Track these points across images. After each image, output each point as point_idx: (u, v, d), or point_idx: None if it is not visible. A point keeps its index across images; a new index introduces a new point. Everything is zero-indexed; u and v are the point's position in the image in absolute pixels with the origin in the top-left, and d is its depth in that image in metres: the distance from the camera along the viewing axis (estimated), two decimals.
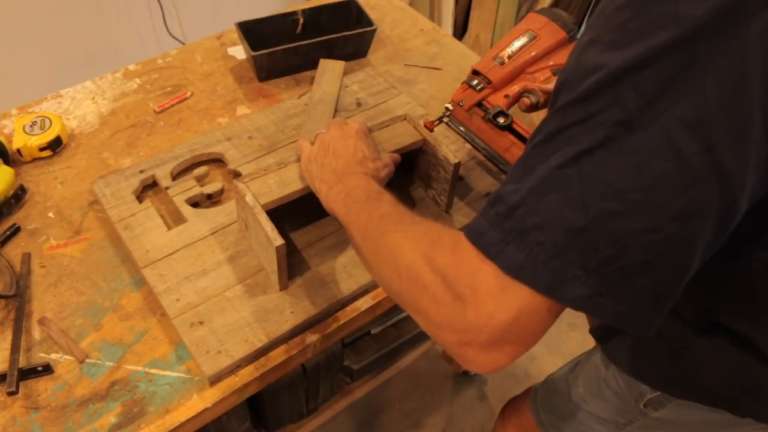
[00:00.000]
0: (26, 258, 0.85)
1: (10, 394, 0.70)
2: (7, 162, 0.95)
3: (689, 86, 0.40)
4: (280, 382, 0.85)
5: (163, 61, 1.17)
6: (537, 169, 0.45)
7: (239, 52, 1.20)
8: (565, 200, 0.43)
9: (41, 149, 0.97)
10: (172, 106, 1.09)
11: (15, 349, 0.75)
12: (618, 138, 0.42)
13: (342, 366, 1.33)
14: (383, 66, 1.19)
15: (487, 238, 0.46)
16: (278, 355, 0.78)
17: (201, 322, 0.78)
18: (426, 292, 0.50)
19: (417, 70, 1.19)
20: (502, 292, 0.45)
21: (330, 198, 0.73)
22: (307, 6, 1.19)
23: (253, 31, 1.12)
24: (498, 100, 0.92)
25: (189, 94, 1.11)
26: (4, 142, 0.95)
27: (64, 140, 1.00)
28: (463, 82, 0.95)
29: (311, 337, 0.80)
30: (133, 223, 0.87)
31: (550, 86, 0.88)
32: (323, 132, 0.82)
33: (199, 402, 0.74)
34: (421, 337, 1.43)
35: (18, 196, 0.92)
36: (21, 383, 0.73)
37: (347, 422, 1.59)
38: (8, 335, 0.77)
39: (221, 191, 0.94)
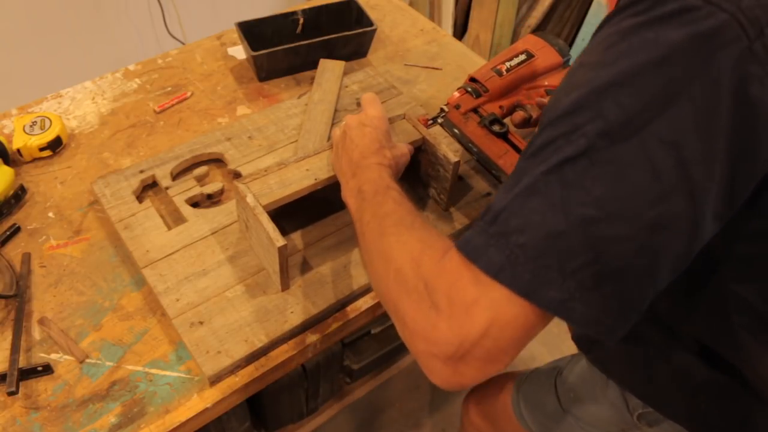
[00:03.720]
0: (26, 258, 0.85)
1: (10, 394, 0.70)
2: (7, 162, 0.95)
3: (667, 106, 0.43)
4: (280, 382, 0.85)
5: (163, 61, 1.17)
6: (524, 178, 0.47)
7: (239, 52, 1.20)
8: (547, 204, 0.45)
9: (41, 149, 0.97)
10: (172, 106, 1.09)
11: (15, 349, 0.75)
12: (599, 148, 0.44)
13: (342, 366, 1.33)
14: (383, 66, 1.19)
15: (472, 244, 0.47)
16: (278, 355, 0.78)
17: (201, 322, 0.78)
18: (408, 296, 0.51)
19: (417, 70, 1.19)
20: (477, 301, 0.46)
21: (346, 192, 0.73)
22: (307, 6, 1.19)
23: (253, 31, 1.12)
24: (493, 110, 0.94)
25: (189, 94, 1.11)
26: (4, 142, 0.95)
27: (64, 140, 1.00)
28: (459, 88, 0.96)
29: (311, 337, 0.80)
30: (133, 223, 0.87)
31: (545, 101, 0.89)
32: (345, 120, 0.82)
33: (199, 402, 0.74)
34: None
35: (18, 196, 0.92)
36: (21, 383, 0.73)
37: (347, 422, 1.59)
38: (8, 335, 0.77)
39: (221, 191, 0.94)
